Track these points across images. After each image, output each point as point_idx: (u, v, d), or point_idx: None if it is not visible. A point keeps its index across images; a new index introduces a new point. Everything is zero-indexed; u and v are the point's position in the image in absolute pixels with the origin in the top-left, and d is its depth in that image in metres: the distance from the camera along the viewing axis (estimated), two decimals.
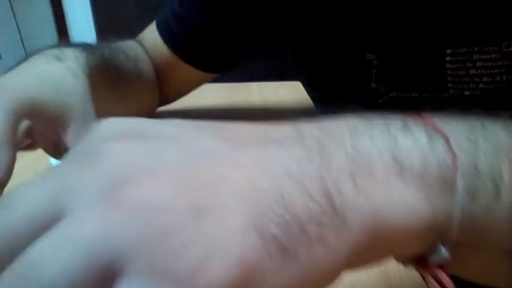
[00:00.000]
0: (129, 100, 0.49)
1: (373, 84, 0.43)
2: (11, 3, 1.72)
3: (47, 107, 0.33)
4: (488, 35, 0.36)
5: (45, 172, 0.16)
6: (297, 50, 0.53)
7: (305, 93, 0.69)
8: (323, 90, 0.53)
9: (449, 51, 0.38)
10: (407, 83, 0.42)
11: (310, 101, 0.65)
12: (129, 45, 0.53)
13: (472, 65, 0.37)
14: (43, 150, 0.37)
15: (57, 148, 0.35)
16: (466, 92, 0.38)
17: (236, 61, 0.56)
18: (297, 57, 0.54)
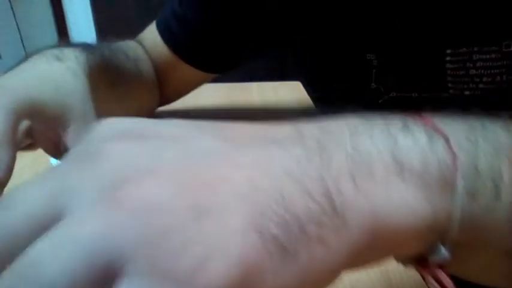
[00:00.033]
0: (129, 100, 0.49)
1: (373, 84, 0.43)
2: (11, 3, 1.72)
3: (47, 107, 0.33)
4: (488, 35, 0.36)
5: (45, 172, 0.16)
6: (297, 50, 0.53)
7: (305, 93, 0.69)
8: (323, 90, 0.53)
9: (449, 51, 0.38)
10: (407, 83, 0.42)
11: (310, 101, 0.65)
12: (129, 45, 0.53)
13: (472, 65, 0.37)
14: (43, 150, 0.37)
15: (57, 148, 0.35)
16: (466, 92, 0.38)
17: (236, 61, 0.56)
18: (297, 57, 0.54)
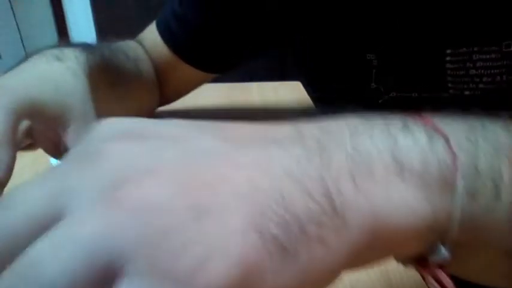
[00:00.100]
0: (129, 100, 0.49)
1: (373, 84, 0.43)
2: (11, 3, 1.72)
3: (47, 107, 0.33)
4: (488, 35, 0.36)
5: (45, 172, 0.16)
6: (297, 50, 0.53)
7: (305, 93, 0.69)
8: (323, 90, 0.53)
9: (449, 51, 0.38)
10: (407, 83, 0.42)
11: (310, 101, 0.65)
12: (129, 45, 0.53)
13: (472, 65, 0.37)
14: (43, 150, 0.37)
15: (57, 148, 0.35)
16: (466, 92, 0.38)
17: (236, 61, 0.56)
18: (297, 57, 0.54)
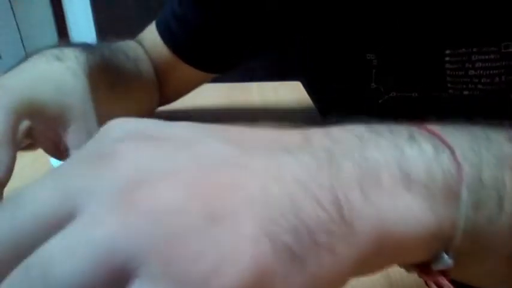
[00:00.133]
0: (129, 100, 0.49)
1: (373, 84, 0.43)
2: (11, 3, 1.72)
3: (47, 107, 0.33)
4: (487, 36, 0.36)
5: (54, 171, 0.16)
6: (297, 50, 0.53)
7: (305, 93, 0.69)
8: (323, 90, 0.53)
9: (448, 52, 0.38)
10: (407, 83, 0.42)
11: (310, 101, 0.65)
12: (129, 45, 0.53)
13: (471, 65, 0.37)
14: (43, 150, 0.37)
15: (57, 148, 0.35)
16: (465, 92, 0.38)
17: (236, 61, 0.56)
18: (297, 57, 0.54)
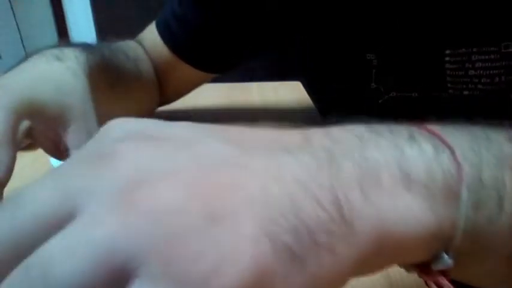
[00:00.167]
0: (129, 100, 0.49)
1: (373, 84, 0.43)
2: (11, 3, 1.72)
3: (47, 107, 0.33)
4: (487, 36, 0.36)
5: (54, 171, 0.16)
6: (297, 50, 0.53)
7: (305, 93, 0.69)
8: (323, 90, 0.53)
9: (448, 52, 0.38)
10: (407, 83, 0.42)
11: (310, 101, 0.65)
12: (129, 45, 0.53)
13: (471, 65, 0.37)
14: (43, 150, 0.37)
15: (57, 148, 0.35)
16: (465, 92, 0.38)
17: (236, 61, 0.56)
18: (297, 57, 0.54)
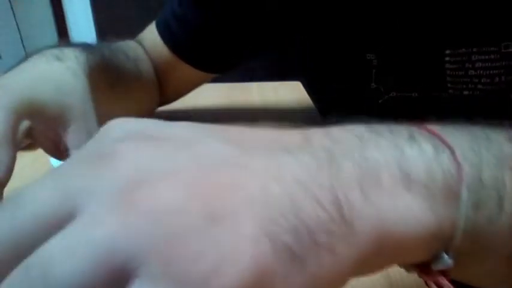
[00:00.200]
0: (129, 100, 0.49)
1: (373, 84, 0.43)
2: (11, 3, 1.72)
3: (47, 107, 0.33)
4: (487, 36, 0.36)
5: (54, 171, 0.16)
6: (297, 50, 0.53)
7: (305, 93, 0.69)
8: (323, 90, 0.53)
9: (448, 52, 0.38)
10: (407, 83, 0.42)
11: (310, 101, 0.65)
12: (129, 45, 0.53)
13: (471, 65, 0.37)
14: (43, 150, 0.37)
15: (57, 148, 0.35)
16: (465, 92, 0.38)
17: (236, 61, 0.56)
18: (297, 57, 0.54)
